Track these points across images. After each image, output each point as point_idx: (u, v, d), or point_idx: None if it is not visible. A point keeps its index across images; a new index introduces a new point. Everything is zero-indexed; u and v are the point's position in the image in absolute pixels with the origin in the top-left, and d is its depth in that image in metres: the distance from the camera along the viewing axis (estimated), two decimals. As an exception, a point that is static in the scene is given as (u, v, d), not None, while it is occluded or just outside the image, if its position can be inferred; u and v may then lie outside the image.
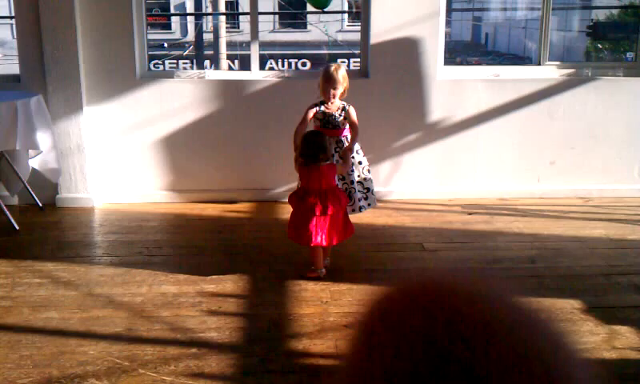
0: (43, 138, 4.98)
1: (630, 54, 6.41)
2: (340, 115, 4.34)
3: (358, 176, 4.48)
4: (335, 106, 4.33)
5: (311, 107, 4.35)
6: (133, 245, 4.66)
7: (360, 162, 4.50)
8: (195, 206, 5.42)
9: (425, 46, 5.40)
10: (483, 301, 0.58)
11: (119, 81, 5.38)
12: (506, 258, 4.45)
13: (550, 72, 5.72)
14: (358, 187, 4.47)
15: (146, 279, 4.05)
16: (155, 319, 3.57)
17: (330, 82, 4.28)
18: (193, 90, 5.49)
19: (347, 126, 4.38)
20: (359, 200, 4.46)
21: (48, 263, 4.31)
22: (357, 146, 4.44)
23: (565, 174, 5.68)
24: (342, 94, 4.35)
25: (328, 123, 4.35)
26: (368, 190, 4.53)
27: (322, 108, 4.34)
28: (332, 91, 4.28)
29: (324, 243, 3.97)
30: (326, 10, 5.26)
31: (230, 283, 4.00)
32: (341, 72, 4.33)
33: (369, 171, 4.56)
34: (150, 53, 5.62)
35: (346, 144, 4.34)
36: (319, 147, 3.95)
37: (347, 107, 4.35)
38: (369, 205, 4.53)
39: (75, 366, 3.11)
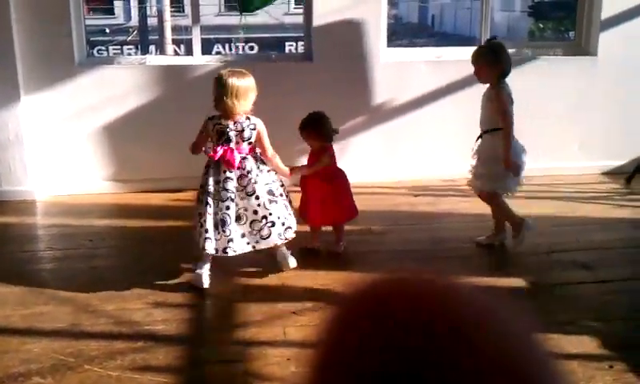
0: (-21, 130, 4.83)
1: (572, 34, 6.53)
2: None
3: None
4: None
5: None
6: (76, 237, 4.57)
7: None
8: (139, 196, 5.34)
9: (368, 28, 5.41)
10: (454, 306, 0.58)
11: (58, 68, 5.23)
12: (452, 238, 4.51)
13: (492, 53, 5.77)
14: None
15: (90, 272, 3.98)
16: (100, 313, 3.51)
17: None
18: (134, 76, 5.39)
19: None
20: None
21: (-12, 259, 4.20)
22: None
23: (508, 153, 5.76)
24: None
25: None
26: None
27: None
28: None
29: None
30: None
31: (176, 274, 3.96)
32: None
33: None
34: (92, 39, 5.50)
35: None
36: None
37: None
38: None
39: (18, 364, 3.04)
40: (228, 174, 3.70)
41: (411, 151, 5.69)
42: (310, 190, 4.15)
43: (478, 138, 4.25)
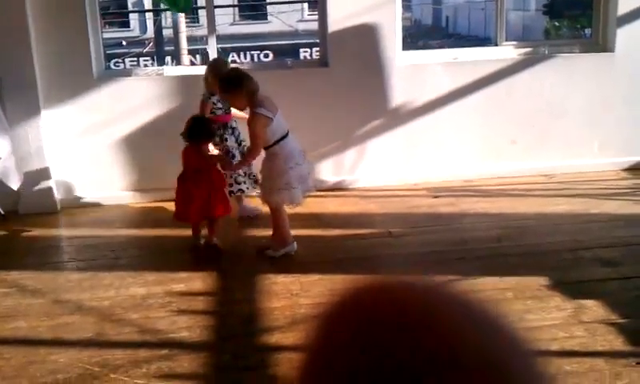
0: (1, 144, 4.89)
1: (588, 31, 6.49)
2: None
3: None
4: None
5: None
6: (98, 248, 4.61)
7: None
8: (160, 205, 5.36)
9: (383, 31, 5.41)
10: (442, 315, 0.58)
11: (76, 81, 5.29)
12: (472, 238, 4.49)
13: (508, 52, 5.77)
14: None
15: (114, 282, 4.01)
16: (124, 322, 3.54)
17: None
18: (152, 87, 5.44)
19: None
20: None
21: (13, 272, 4.23)
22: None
23: (527, 152, 5.75)
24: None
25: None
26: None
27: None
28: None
29: None
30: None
31: (198, 281, 3.98)
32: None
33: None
34: (109, 52, 5.55)
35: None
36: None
37: None
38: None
39: (46, 374, 3.08)
40: None
41: (430, 153, 5.68)
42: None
43: None
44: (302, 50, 16.81)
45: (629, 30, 5.66)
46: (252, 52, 17.42)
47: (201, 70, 5.76)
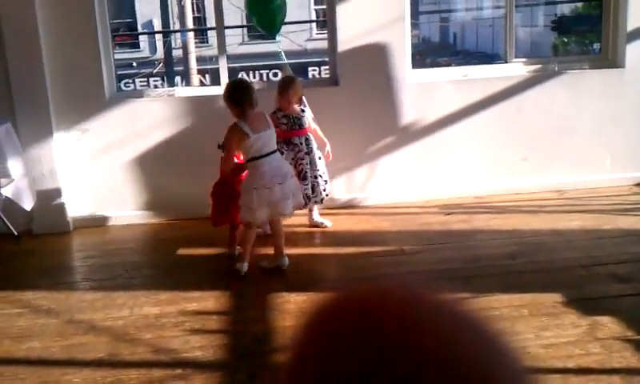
0: (14, 165, 4.92)
1: (596, 46, 6.50)
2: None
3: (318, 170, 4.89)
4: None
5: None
6: (112, 268, 4.62)
7: (320, 157, 4.94)
8: (172, 224, 5.39)
9: (392, 50, 5.43)
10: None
11: (88, 103, 5.34)
12: (485, 255, 4.48)
13: (518, 69, 5.78)
14: (319, 180, 4.88)
15: (127, 302, 4.01)
16: (138, 342, 3.54)
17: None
18: (163, 108, 5.47)
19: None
20: (323, 191, 4.90)
21: (27, 292, 4.25)
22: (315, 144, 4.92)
23: (538, 168, 5.73)
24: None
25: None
26: (326, 182, 4.94)
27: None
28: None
29: None
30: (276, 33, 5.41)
31: (211, 300, 3.98)
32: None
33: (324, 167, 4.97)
34: (119, 72, 5.59)
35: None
36: None
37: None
38: (327, 195, 4.98)
39: (59, 395, 3.08)
40: None
41: (441, 170, 5.67)
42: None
43: None
44: (310, 68, 16.88)
45: (639, 45, 5.66)
46: (261, 71, 17.48)
47: (212, 90, 5.80)
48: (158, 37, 20.69)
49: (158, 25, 20.68)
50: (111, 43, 5.57)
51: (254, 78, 17.20)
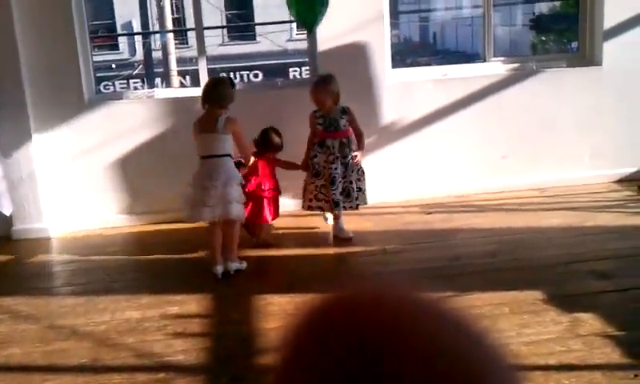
0: (-7, 170, 4.87)
1: (574, 44, 6.55)
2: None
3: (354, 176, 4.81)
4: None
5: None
6: (93, 272, 4.59)
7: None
8: (154, 228, 5.36)
9: (372, 50, 5.44)
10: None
11: (67, 105, 5.29)
12: (466, 254, 4.50)
13: (496, 68, 5.81)
14: (354, 186, 4.79)
15: (109, 306, 3.98)
16: (120, 346, 3.51)
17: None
18: (143, 110, 5.44)
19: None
20: (356, 198, 4.81)
21: (6, 298, 4.21)
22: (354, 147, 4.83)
23: (518, 167, 5.77)
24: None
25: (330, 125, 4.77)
26: (360, 189, 4.83)
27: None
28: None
29: None
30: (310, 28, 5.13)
31: (193, 303, 3.96)
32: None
33: (363, 172, 4.87)
34: (99, 74, 5.56)
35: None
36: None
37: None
38: (359, 204, 4.87)
39: (40, 401, 3.05)
40: None
41: (422, 169, 5.69)
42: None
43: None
44: (291, 69, 16.87)
45: (615, 43, 5.71)
46: (241, 72, 17.44)
47: (191, 92, 5.78)
48: (138, 38, 20.58)
49: (137, 26, 20.57)
50: (90, 45, 5.53)
51: (235, 79, 17.14)
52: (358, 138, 4.81)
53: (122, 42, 21.83)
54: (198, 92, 5.57)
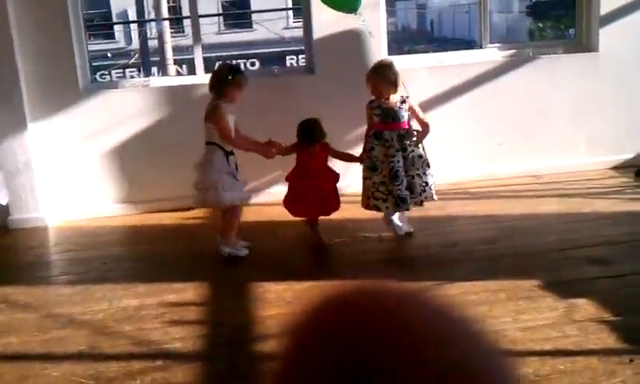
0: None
1: (572, 31, 6.54)
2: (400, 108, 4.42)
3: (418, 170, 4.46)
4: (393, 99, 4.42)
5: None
6: (90, 261, 4.59)
7: (420, 156, 4.49)
8: (151, 216, 5.36)
9: (368, 37, 5.43)
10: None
11: (63, 95, 5.28)
12: (462, 241, 4.51)
13: (492, 54, 5.81)
14: (418, 181, 4.44)
15: (106, 295, 3.99)
16: (118, 334, 3.52)
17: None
18: (139, 98, 5.43)
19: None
20: (422, 192, 4.45)
21: (4, 287, 4.20)
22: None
23: (514, 153, 5.78)
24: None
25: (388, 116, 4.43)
26: (427, 184, 4.48)
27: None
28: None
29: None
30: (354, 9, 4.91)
31: (191, 291, 3.97)
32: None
33: (428, 165, 4.51)
34: (95, 64, 5.54)
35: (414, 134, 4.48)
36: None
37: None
38: (426, 198, 4.50)
39: (39, 389, 3.06)
40: None
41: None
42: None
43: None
44: (288, 57, 16.85)
45: (612, 29, 5.71)
46: (238, 60, 17.40)
47: (187, 80, 5.77)
48: (134, 27, 20.51)
49: (132, 15, 20.49)
50: (85, 33, 5.51)
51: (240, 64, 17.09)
52: (422, 128, 4.51)
53: (119, 30, 21.76)
54: (193, 80, 5.59)
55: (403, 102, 4.42)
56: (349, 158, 4.70)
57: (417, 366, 0.53)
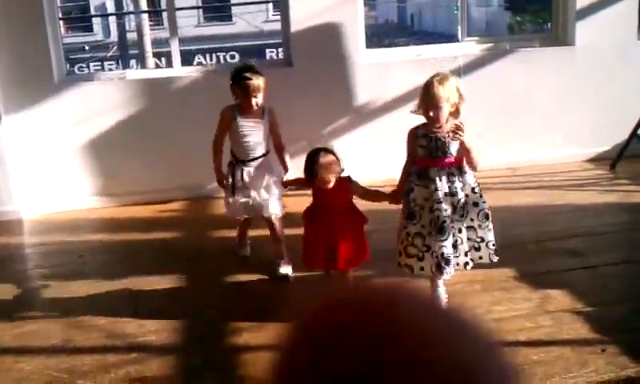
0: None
1: (550, 25, 6.59)
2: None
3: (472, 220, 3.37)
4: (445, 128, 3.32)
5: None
6: (65, 254, 4.55)
7: (476, 204, 3.40)
8: (127, 209, 5.32)
9: (345, 30, 5.43)
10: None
11: (37, 87, 5.21)
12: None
13: (470, 48, 5.83)
14: (466, 235, 3.36)
15: (80, 288, 3.96)
16: (92, 328, 3.50)
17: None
18: (114, 91, 5.38)
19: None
20: (466, 254, 3.37)
21: (-24, 281, 4.16)
22: (472, 180, 3.48)
23: (491, 146, 5.78)
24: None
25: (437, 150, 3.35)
26: (482, 240, 3.40)
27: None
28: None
29: None
30: None
31: (166, 284, 3.95)
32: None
33: (486, 217, 3.40)
34: (73, 57, 5.50)
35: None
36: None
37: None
38: (480, 258, 3.41)
39: (11, 383, 3.03)
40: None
41: (396, 150, 5.67)
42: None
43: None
44: (268, 50, 16.80)
45: (588, 22, 5.74)
46: (218, 53, 17.33)
47: (164, 72, 5.72)
48: (112, 19, 20.33)
49: (111, 7, 20.31)
50: (60, 25, 5.45)
51: (210, 60, 17.02)
52: (468, 162, 3.42)
53: (97, 23, 21.57)
54: (170, 73, 5.55)
55: (457, 130, 3.29)
56: (379, 197, 3.83)
57: (417, 366, 0.53)
